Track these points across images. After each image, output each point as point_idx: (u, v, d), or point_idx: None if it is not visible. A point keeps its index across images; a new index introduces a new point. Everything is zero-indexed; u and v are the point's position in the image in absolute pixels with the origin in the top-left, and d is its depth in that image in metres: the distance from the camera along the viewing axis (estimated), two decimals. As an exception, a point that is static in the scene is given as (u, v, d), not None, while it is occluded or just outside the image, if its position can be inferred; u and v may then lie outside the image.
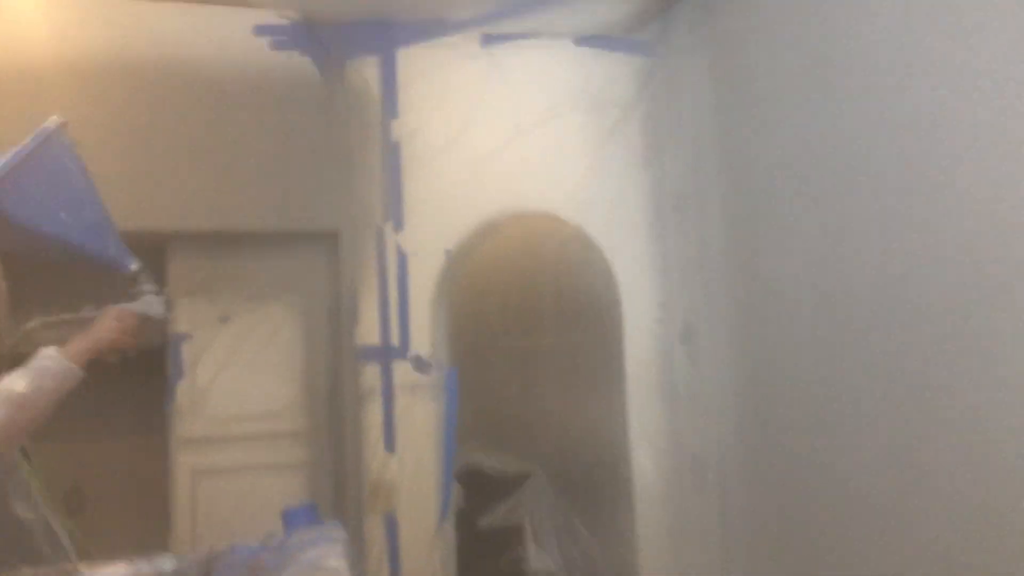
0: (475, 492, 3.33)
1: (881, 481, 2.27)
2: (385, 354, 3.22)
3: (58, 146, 2.16)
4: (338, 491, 3.39)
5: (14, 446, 1.87)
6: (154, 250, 3.29)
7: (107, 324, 2.06)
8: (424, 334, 3.24)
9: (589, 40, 3.26)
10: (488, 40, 3.28)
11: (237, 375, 3.37)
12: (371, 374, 3.22)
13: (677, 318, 3.19)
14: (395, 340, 3.23)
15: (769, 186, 2.83)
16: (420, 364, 3.21)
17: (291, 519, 2.39)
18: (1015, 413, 1.80)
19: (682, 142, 3.25)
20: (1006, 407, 1.82)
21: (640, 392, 3.15)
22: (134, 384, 3.27)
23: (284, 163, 3.32)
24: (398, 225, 3.27)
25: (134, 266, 2.25)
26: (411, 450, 3.18)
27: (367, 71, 3.33)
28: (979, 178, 1.89)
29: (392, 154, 3.27)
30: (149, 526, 3.23)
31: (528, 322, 3.55)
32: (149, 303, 2.24)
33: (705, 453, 3.13)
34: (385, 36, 3.32)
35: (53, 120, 2.16)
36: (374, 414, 3.20)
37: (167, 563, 2.15)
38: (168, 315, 2.35)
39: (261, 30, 3.30)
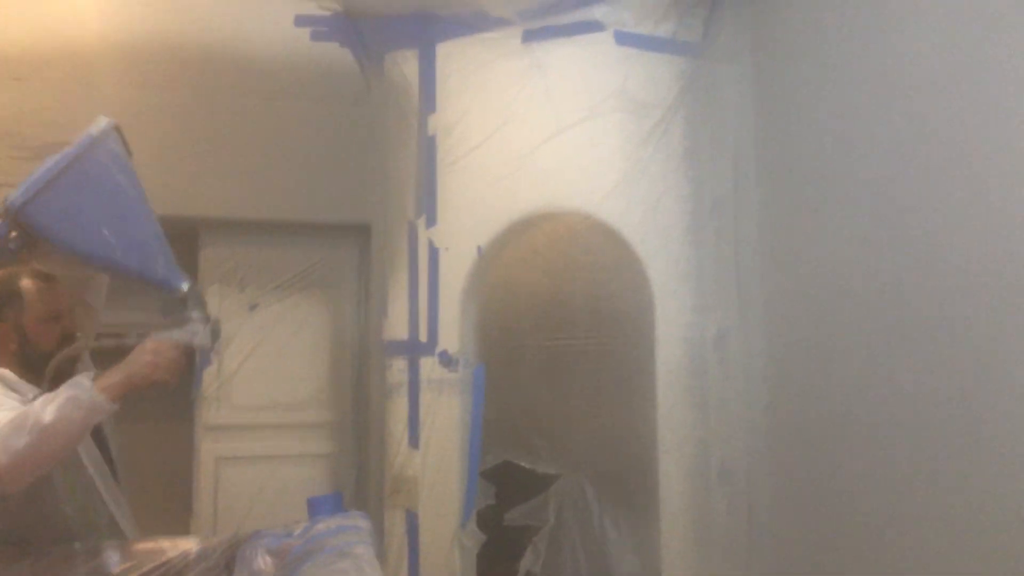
0: (509, 489, 3.36)
1: (914, 495, 2.29)
2: (413, 349, 3.27)
3: (105, 154, 1.99)
4: (360, 484, 3.44)
5: (37, 475, 1.78)
6: (187, 236, 3.37)
7: (143, 359, 1.89)
8: (452, 330, 3.28)
9: (630, 39, 3.29)
10: (529, 36, 3.32)
11: (264, 364, 3.44)
12: (398, 369, 3.27)
13: (711, 324, 3.20)
14: (423, 336, 3.28)
15: (807, 193, 2.85)
16: (447, 360, 3.25)
17: (317, 507, 2.43)
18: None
19: (722, 146, 3.27)
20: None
21: (670, 397, 3.16)
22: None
23: (319, 154, 3.39)
24: (431, 220, 3.31)
25: (184, 287, 2.06)
26: (435, 447, 3.22)
27: (406, 65, 3.38)
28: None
29: (428, 149, 3.32)
30: (172, 511, 3.29)
31: (559, 322, 3.57)
32: (194, 332, 2.02)
33: (734, 462, 3.14)
34: (425, 30, 3.38)
35: (100, 124, 1.99)
36: (399, 409, 3.25)
37: (192, 545, 2.20)
38: (216, 345, 2.11)
39: (302, 21, 3.36)
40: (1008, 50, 1.96)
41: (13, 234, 1.87)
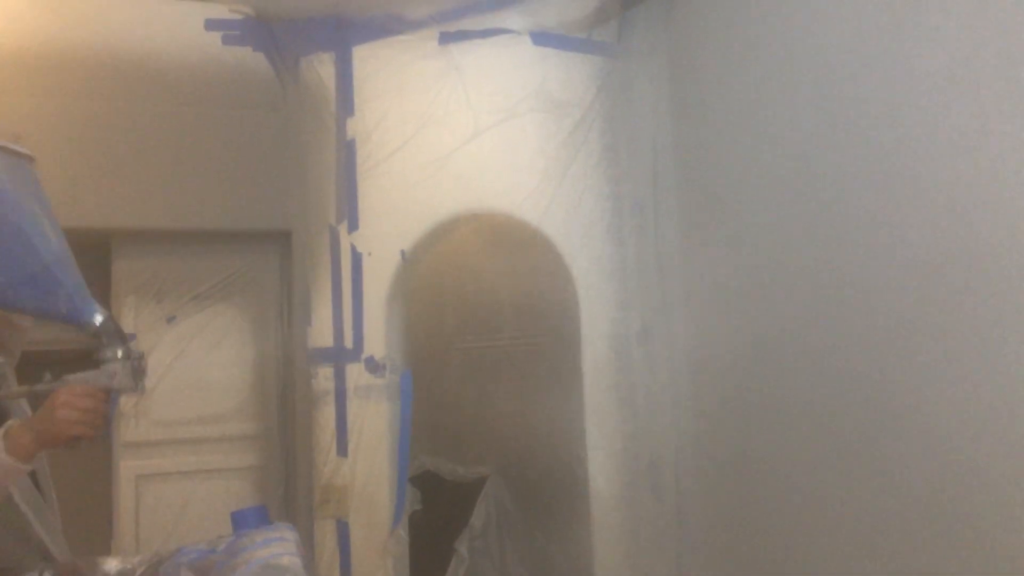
0: (431, 496, 3.37)
1: (837, 483, 2.37)
2: (338, 356, 3.26)
3: None
4: (288, 496, 3.41)
5: None
6: (99, 248, 3.30)
7: (55, 414, 1.69)
8: (378, 336, 3.29)
9: (547, 39, 3.34)
10: (446, 38, 3.35)
11: (184, 377, 3.38)
12: (324, 377, 3.26)
13: (634, 320, 3.27)
14: (348, 342, 3.27)
15: (724, 190, 2.94)
16: (374, 366, 3.25)
17: (240, 521, 2.40)
18: (971, 408, 1.90)
19: (640, 144, 3.35)
20: (963, 400, 1.92)
21: (597, 394, 3.22)
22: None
23: (236, 161, 3.35)
24: (352, 225, 3.31)
25: (96, 321, 1.81)
26: (364, 454, 3.22)
27: (322, 68, 3.38)
28: (938, 176, 1.99)
29: (347, 153, 3.32)
30: (93, 531, 3.22)
31: (485, 323, 3.61)
32: (112, 373, 1.78)
33: (661, 457, 3.22)
34: (340, 33, 3.38)
35: None
36: (326, 417, 3.24)
37: (111, 565, 2.16)
38: (140, 385, 1.84)
39: (212, 24, 3.33)
40: (918, 43, 2.05)
41: None
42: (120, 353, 1.79)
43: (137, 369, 1.83)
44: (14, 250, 1.73)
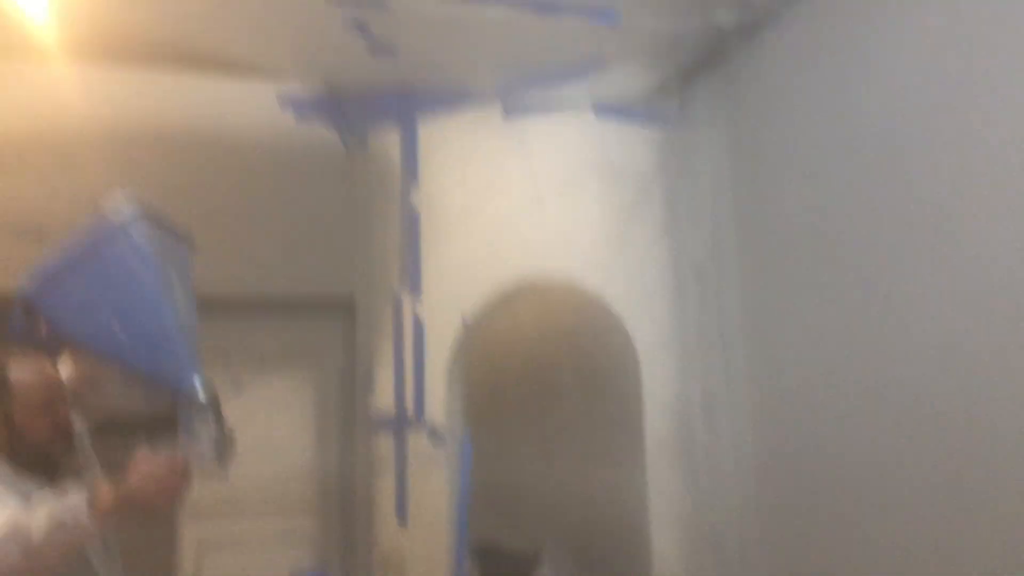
0: (490, 568, 3.34)
1: (911, 553, 2.30)
2: (399, 424, 3.29)
3: (123, 242, 1.86)
4: (347, 565, 3.40)
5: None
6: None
7: (136, 482, 1.71)
8: (439, 404, 3.31)
9: (609, 111, 3.41)
10: (509, 110, 3.43)
11: (247, 444, 3.40)
12: (384, 444, 3.28)
13: (697, 389, 3.25)
14: (410, 409, 3.30)
15: (786, 257, 2.94)
16: (435, 435, 3.26)
17: (302, 584, 2.42)
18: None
19: (701, 213, 3.37)
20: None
21: (660, 464, 3.20)
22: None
23: (303, 230, 3.43)
24: (415, 292, 3.37)
25: (199, 392, 1.85)
26: (423, 522, 3.22)
27: (388, 140, 3.47)
28: (1005, 238, 1.98)
29: (411, 221, 3.39)
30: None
31: (546, 392, 3.61)
32: (200, 452, 1.81)
33: (725, 528, 3.16)
34: (406, 105, 3.49)
35: (122, 212, 1.86)
36: (387, 486, 3.25)
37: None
38: (225, 462, 1.88)
39: (285, 101, 3.44)
40: (982, 115, 2.06)
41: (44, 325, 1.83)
42: (213, 432, 1.84)
43: (226, 448, 1.87)
44: (143, 312, 1.85)
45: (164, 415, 1.91)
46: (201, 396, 1.84)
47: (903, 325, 2.33)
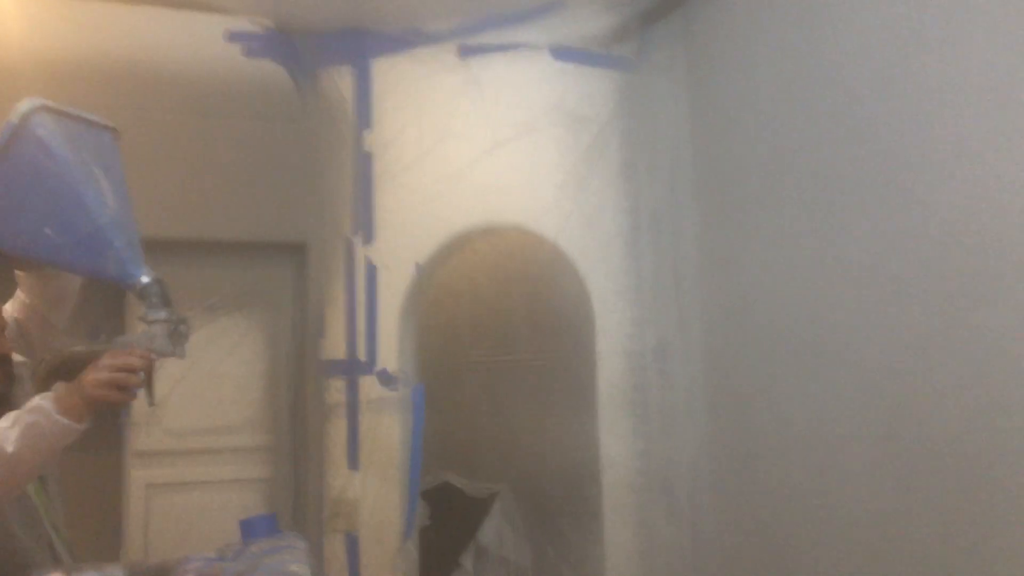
0: (444, 510, 3.36)
1: (857, 502, 2.34)
2: (351, 368, 3.27)
3: (32, 141, 1.77)
4: (298, 509, 3.41)
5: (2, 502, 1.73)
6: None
7: (94, 376, 1.71)
8: (392, 349, 3.30)
9: (567, 54, 3.37)
10: (466, 51, 3.38)
11: (196, 388, 3.39)
12: (336, 389, 3.27)
13: (651, 336, 3.26)
14: (362, 354, 3.28)
15: (742, 205, 2.94)
16: (387, 379, 3.26)
17: (249, 529, 2.40)
18: (999, 429, 1.87)
19: (659, 159, 3.36)
20: (988, 421, 1.90)
21: (612, 411, 3.22)
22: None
23: (253, 172, 3.38)
24: (368, 237, 3.34)
25: (143, 281, 1.82)
26: (375, 467, 3.22)
27: (341, 81, 3.42)
28: (955, 184, 1.99)
29: (364, 165, 3.35)
30: (102, 540, 3.22)
31: (499, 338, 3.61)
32: (151, 336, 1.79)
33: (676, 475, 3.20)
34: (360, 46, 3.42)
35: (20, 108, 1.76)
36: (338, 430, 3.24)
37: (117, 573, 2.15)
38: (180, 350, 1.85)
39: (234, 37, 3.37)
40: (932, 55, 2.06)
41: None
42: (163, 316, 1.80)
43: (177, 333, 1.84)
44: (70, 212, 1.78)
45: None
46: (143, 283, 1.81)
47: (857, 272, 2.34)
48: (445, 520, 3.41)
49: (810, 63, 2.57)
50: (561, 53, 3.40)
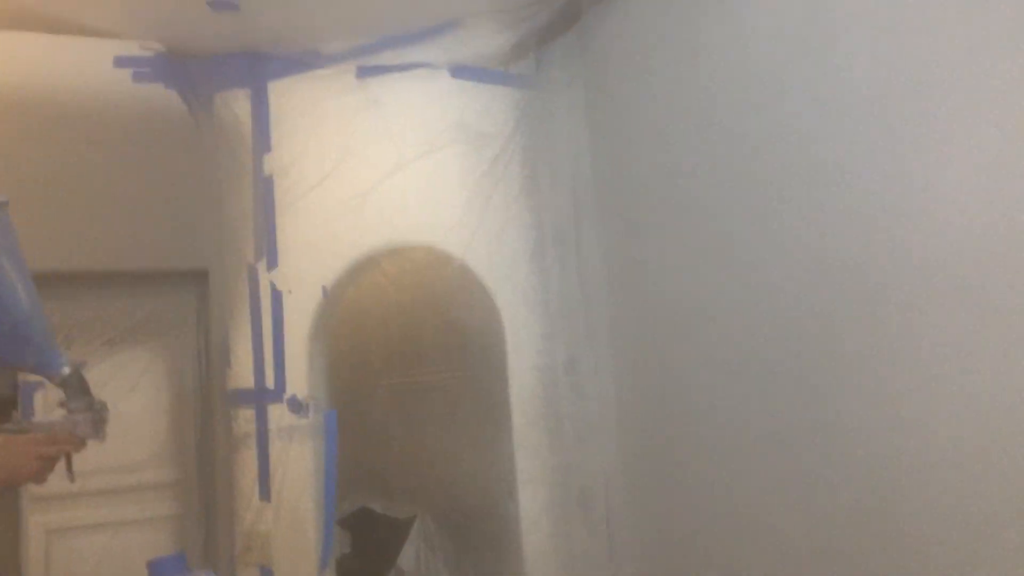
0: (363, 536, 3.32)
1: (768, 509, 2.39)
2: (259, 397, 3.21)
3: None
4: (209, 545, 3.32)
5: None
6: (3, 293, 3.19)
7: (11, 461, 1.77)
8: (301, 375, 3.25)
9: (466, 72, 3.39)
10: (363, 72, 3.37)
11: (97, 426, 3.26)
12: (244, 419, 3.20)
13: (561, 351, 3.30)
14: (270, 382, 3.23)
15: (642, 219, 3.00)
16: (297, 406, 3.21)
17: (158, 570, 2.34)
18: (897, 427, 1.94)
19: (561, 174, 3.40)
20: (888, 422, 1.97)
21: (526, 427, 3.23)
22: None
23: (149, 200, 3.29)
24: (271, 262, 3.29)
25: (65, 372, 1.91)
26: (288, 498, 3.16)
27: (237, 105, 3.37)
28: (851, 195, 2.06)
29: (264, 189, 3.30)
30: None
31: (411, 358, 3.60)
32: (75, 423, 1.90)
33: (592, 486, 3.23)
34: (255, 69, 3.37)
35: None
36: (248, 461, 3.18)
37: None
38: (102, 434, 1.96)
39: (122, 62, 3.27)
40: (832, 68, 2.13)
41: None
42: (83, 404, 1.91)
43: (99, 419, 1.94)
44: None
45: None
46: (65, 374, 1.90)
47: (759, 284, 2.40)
48: (364, 547, 3.37)
49: (701, 76, 2.64)
50: (460, 71, 3.42)
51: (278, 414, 3.21)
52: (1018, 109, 1.62)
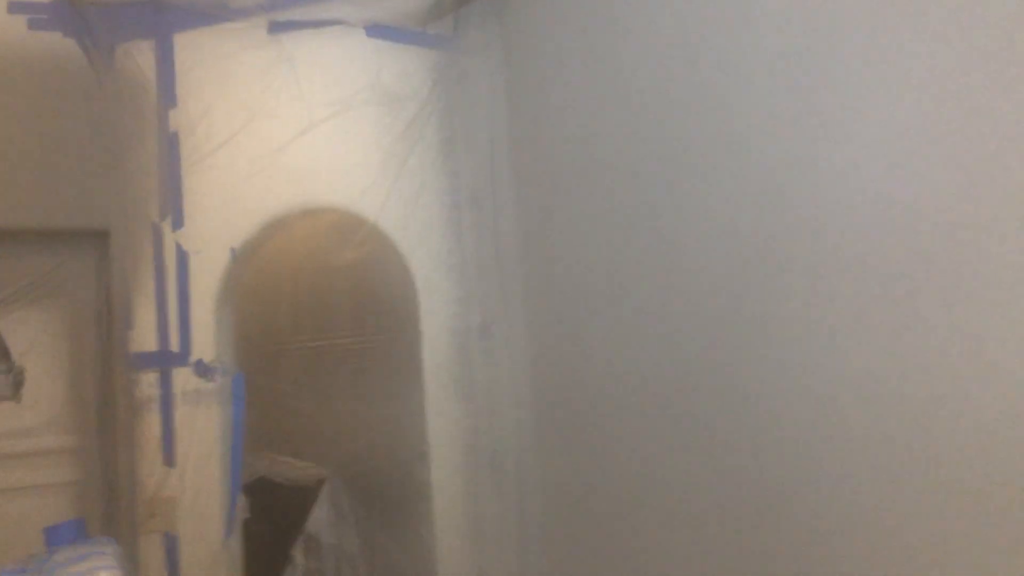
0: (266, 503, 3.29)
1: (678, 475, 2.46)
2: (163, 360, 3.14)
3: None
4: (111, 512, 3.24)
5: None
6: None
7: None
8: (207, 338, 3.19)
9: (382, 31, 3.34)
10: (276, 27, 3.28)
11: (-10, 389, 3.15)
12: (147, 383, 3.13)
13: (475, 315, 3.31)
14: (175, 345, 3.16)
15: (559, 181, 3.02)
16: (203, 370, 3.15)
17: (54, 536, 2.30)
18: (800, 395, 2.01)
19: (477, 138, 3.40)
20: (793, 390, 2.03)
21: (438, 390, 3.25)
22: None
23: (46, 154, 3.16)
24: (177, 222, 3.20)
25: None
26: (193, 463, 3.11)
27: (141, 57, 3.24)
28: (775, 165, 2.10)
29: (170, 146, 3.20)
30: None
31: (321, 321, 3.56)
32: None
33: (503, 451, 3.27)
34: (160, 19, 3.26)
35: None
36: (151, 426, 3.11)
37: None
38: (19, 395, 1.99)
39: (16, 7, 3.12)
40: (750, 33, 2.15)
41: None
42: (5, 367, 2.06)
43: (17, 382, 2.09)
44: None
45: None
46: None
47: (672, 250, 2.44)
48: (271, 512, 3.34)
49: (617, 42, 2.65)
50: (376, 31, 3.37)
51: (183, 378, 3.15)
52: (931, 81, 1.68)
